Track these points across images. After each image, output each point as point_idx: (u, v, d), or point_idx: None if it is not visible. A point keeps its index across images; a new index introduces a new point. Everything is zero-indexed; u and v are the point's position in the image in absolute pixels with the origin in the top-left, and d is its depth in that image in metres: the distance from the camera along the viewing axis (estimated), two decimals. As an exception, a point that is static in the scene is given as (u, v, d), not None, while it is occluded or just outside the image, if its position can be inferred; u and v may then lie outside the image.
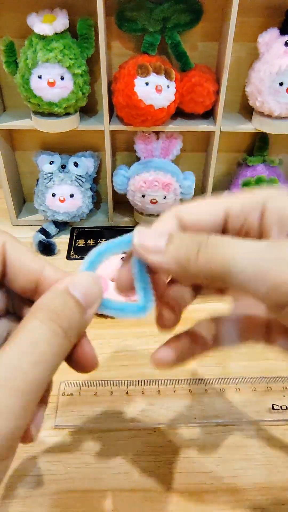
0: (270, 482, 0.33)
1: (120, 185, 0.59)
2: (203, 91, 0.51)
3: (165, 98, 0.49)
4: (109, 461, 0.34)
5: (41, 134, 0.56)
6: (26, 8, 0.48)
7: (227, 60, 0.49)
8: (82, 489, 0.32)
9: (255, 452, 0.35)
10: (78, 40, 0.50)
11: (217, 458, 0.34)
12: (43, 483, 0.32)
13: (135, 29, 0.50)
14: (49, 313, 0.18)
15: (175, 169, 0.57)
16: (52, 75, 0.49)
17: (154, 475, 0.33)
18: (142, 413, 0.37)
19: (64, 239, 0.61)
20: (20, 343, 0.17)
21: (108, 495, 0.32)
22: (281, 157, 0.60)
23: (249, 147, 0.62)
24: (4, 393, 0.16)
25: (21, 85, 0.50)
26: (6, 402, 0.15)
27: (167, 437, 0.36)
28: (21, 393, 0.16)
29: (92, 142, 0.60)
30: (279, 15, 0.50)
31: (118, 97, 0.51)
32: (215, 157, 0.58)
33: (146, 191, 0.56)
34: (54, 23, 0.47)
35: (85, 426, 0.36)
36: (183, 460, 0.34)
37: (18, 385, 0.16)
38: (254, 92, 0.52)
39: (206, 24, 0.51)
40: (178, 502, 0.31)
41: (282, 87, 0.49)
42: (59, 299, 0.19)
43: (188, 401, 0.38)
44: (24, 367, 0.16)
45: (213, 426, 0.36)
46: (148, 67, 0.48)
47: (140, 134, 0.56)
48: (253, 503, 0.31)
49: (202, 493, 0.32)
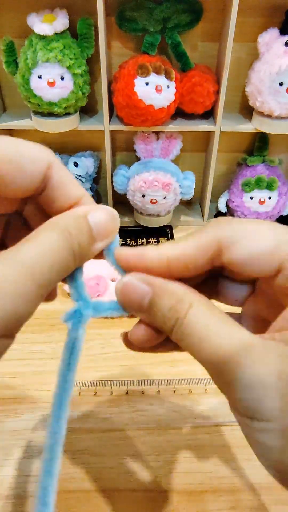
0: (270, 482, 0.33)
1: (120, 185, 0.59)
2: (203, 91, 0.51)
3: (165, 98, 0.49)
4: (109, 461, 0.34)
5: (41, 134, 0.56)
6: (26, 8, 0.48)
7: (227, 60, 0.49)
8: (82, 489, 0.32)
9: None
10: (78, 40, 0.50)
11: (217, 458, 0.34)
12: (43, 483, 0.32)
13: (135, 29, 0.49)
14: (64, 230, 0.19)
15: (175, 169, 0.57)
16: (52, 75, 0.49)
17: (154, 475, 0.33)
18: (142, 413, 0.37)
19: (64, 239, 0.61)
20: (39, 246, 0.18)
21: (108, 495, 0.32)
22: (281, 157, 0.60)
23: (249, 147, 0.62)
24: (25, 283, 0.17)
25: (21, 85, 0.50)
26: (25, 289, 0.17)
27: (167, 437, 0.36)
28: (38, 287, 0.17)
29: (92, 142, 0.61)
30: (279, 15, 0.50)
31: (118, 97, 0.51)
32: (215, 157, 0.58)
33: (146, 191, 0.56)
34: (54, 23, 0.47)
35: (85, 426, 0.36)
36: (183, 460, 0.34)
37: (37, 279, 0.17)
38: (254, 92, 0.52)
39: (206, 24, 0.51)
40: (178, 502, 0.31)
41: (282, 87, 0.49)
42: (76, 221, 0.20)
43: (188, 401, 0.38)
44: (43, 267, 0.18)
45: (213, 426, 0.36)
46: (148, 67, 0.48)
47: (140, 134, 0.56)
48: (253, 503, 0.31)
49: (202, 493, 0.32)
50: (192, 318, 0.18)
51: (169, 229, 0.63)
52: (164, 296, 0.19)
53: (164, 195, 0.57)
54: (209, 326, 0.18)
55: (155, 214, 0.60)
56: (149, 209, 0.59)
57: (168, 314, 0.19)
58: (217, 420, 0.37)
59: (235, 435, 0.36)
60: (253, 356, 0.17)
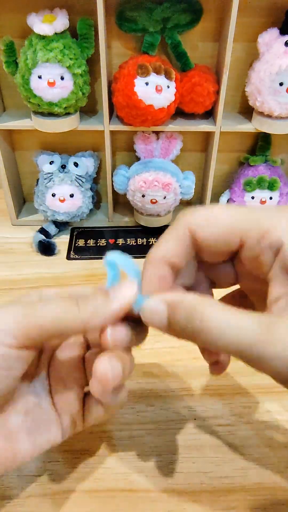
0: (270, 482, 0.33)
1: (120, 185, 0.59)
2: (203, 91, 0.51)
3: (165, 98, 0.49)
4: (109, 461, 0.34)
5: (41, 134, 0.56)
6: (26, 8, 0.48)
7: (227, 60, 0.49)
8: (82, 489, 0.32)
9: (255, 452, 0.35)
10: (78, 40, 0.50)
11: (217, 458, 0.34)
12: (43, 483, 0.32)
13: (135, 29, 0.49)
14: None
15: (175, 169, 0.57)
16: (52, 75, 0.49)
17: (154, 475, 0.33)
18: (142, 413, 0.37)
19: (64, 239, 0.61)
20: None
21: (108, 495, 0.32)
22: (281, 157, 0.60)
23: (249, 147, 0.62)
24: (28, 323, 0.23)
25: (21, 85, 0.50)
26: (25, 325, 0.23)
27: (167, 437, 0.36)
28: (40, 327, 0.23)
29: (92, 142, 0.60)
30: (279, 15, 0.50)
31: (118, 97, 0.51)
32: (215, 157, 0.58)
33: (146, 191, 0.56)
34: (54, 23, 0.47)
35: (85, 426, 0.36)
36: (183, 460, 0.34)
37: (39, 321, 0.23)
38: (254, 92, 0.52)
39: (206, 24, 0.51)
40: (178, 502, 0.31)
41: (282, 87, 0.49)
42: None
43: (188, 401, 0.38)
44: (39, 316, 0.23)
45: (213, 426, 0.36)
46: (148, 67, 0.48)
47: (140, 134, 0.56)
48: (253, 503, 0.31)
49: (202, 493, 0.32)
50: (210, 321, 0.19)
51: (169, 229, 0.63)
52: (178, 310, 0.21)
53: (164, 195, 0.57)
54: (229, 321, 0.19)
55: (155, 214, 0.60)
56: (149, 209, 0.59)
57: (184, 327, 0.20)
58: (217, 420, 0.37)
59: (235, 435, 0.36)
60: (274, 333, 0.18)
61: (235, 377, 0.41)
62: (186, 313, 0.20)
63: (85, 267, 0.56)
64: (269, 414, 0.37)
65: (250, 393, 0.39)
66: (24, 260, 0.57)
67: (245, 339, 0.18)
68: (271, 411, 0.38)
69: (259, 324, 0.19)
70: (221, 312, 0.20)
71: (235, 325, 0.19)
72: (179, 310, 0.21)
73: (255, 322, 0.19)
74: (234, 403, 0.38)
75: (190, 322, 0.20)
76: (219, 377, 0.40)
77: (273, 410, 0.38)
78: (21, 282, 0.53)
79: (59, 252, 0.58)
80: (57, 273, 0.55)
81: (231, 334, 0.19)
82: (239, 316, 0.19)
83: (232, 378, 0.40)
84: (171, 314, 0.21)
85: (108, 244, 0.60)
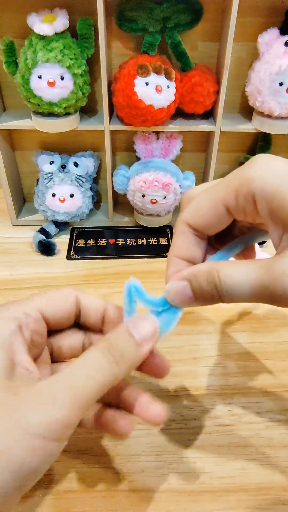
0: (270, 482, 0.33)
1: (120, 185, 0.59)
2: (203, 91, 0.51)
3: (165, 98, 0.49)
4: (109, 461, 0.34)
5: (41, 134, 0.56)
6: (26, 8, 0.48)
7: (227, 60, 0.49)
8: (82, 489, 0.32)
9: (255, 452, 0.35)
10: (78, 40, 0.50)
11: (217, 458, 0.34)
12: (44, 483, 0.32)
13: (135, 29, 0.50)
14: (106, 343, 0.24)
15: (175, 169, 0.57)
16: (52, 75, 0.49)
17: (154, 475, 0.33)
18: (142, 413, 0.37)
19: (64, 239, 0.61)
20: (82, 368, 0.23)
21: (108, 495, 0.32)
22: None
23: (249, 147, 0.62)
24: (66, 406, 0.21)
25: (21, 85, 0.50)
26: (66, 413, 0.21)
27: (167, 437, 0.36)
28: (79, 407, 0.22)
29: (92, 142, 0.61)
30: (279, 15, 0.50)
31: (118, 97, 0.51)
32: (215, 157, 0.58)
33: (146, 191, 0.56)
34: (54, 23, 0.47)
35: (85, 426, 0.36)
36: (183, 460, 0.34)
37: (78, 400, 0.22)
38: (254, 92, 0.52)
39: (206, 24, 0.51)
40: (178, 502, 0.31)
41: (282, 87, 0.49)
42: (117, 334, 0.25)
43: (188, 401, 0.38)
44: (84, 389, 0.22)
45: (213, 426, 0.36)
46: (148, 67, 0.48)
47: (140, 134, 0.56)
48: (253, 503, 0.31)
49: (202, 493, 0.32)
50: (225, 275, 0.22)
51: (169, 229, 0.63)
52: (197, 280, 0.23)
53: (164, 195, 0.57)
54: (238, 270, 0.22)
55: (155, 214, 0.60)
56: (149, 209, 0.59)
57: (208, 289, 0.23)
58: (217, 420, 0.37)
59: (235, 435, 0.36)
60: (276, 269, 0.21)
61: (235, 377, 0.41)
62: (206, 277, 0.23)
63: (85, 267, 0.56)
64: (269, 414, 0.37)
65: (250, 393, 0.39)
66: (24, 260, 0.57)
67: (255, 281, 0.21)
68: (271, 411, 0.38)
69: (262, 266, 0.21)
70: (232, 265, 0.22)
71: (244, 272, 0.21)
72: (199, 278, 0.23)
73: (259, 265, 0.21)
74: (234, 403, 0.38)
75: (211, 283, 0.22)
76: (219, 377, 0.40)
77: (273, 410, 0.38)
78: (21, 282, 0.53)
79: (59, 252, 0.58)
80: (57, 273, 0.55)
81: (243, 281, 0.21)
82: (247, 264, 0.22)
83: (232, 378, 0.41)
84: (194, 284, 0.23)
85: (108, 244, 0.60)
